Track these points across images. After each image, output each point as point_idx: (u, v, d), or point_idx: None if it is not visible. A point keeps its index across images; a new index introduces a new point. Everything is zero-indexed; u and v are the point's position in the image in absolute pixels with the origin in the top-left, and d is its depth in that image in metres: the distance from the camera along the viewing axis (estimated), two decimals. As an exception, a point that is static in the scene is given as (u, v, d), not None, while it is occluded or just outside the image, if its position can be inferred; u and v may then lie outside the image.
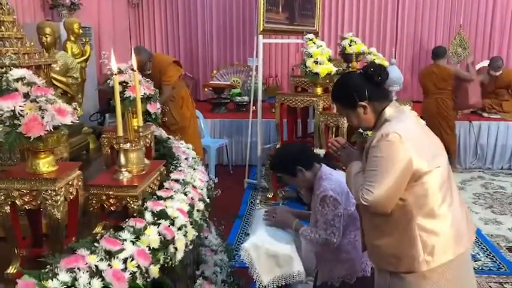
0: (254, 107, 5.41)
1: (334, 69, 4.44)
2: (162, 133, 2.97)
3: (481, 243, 3.91)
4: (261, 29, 4.90)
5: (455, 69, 5.89)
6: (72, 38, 4.12)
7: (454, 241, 1.75)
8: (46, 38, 3.08)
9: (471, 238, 1.86)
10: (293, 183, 2.50)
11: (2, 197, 1.55)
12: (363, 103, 1.81)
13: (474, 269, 2.49)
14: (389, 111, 1.81)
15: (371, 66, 1.84)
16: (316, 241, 2.22)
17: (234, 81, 7.21)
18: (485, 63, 6.84)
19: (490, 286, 3.27)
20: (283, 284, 2.36)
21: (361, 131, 3.57)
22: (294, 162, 2.34)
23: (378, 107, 1.82)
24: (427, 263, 1.71)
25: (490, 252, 3.77)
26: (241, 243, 2.48)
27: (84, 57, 4.17)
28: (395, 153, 1.67)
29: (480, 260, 3.63)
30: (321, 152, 2.34)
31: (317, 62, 4.41)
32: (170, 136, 3.01)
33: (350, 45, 5.14)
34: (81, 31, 4.18)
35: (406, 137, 1.69)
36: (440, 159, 1.78)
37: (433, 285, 1.73)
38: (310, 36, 4.69)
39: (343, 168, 1.99)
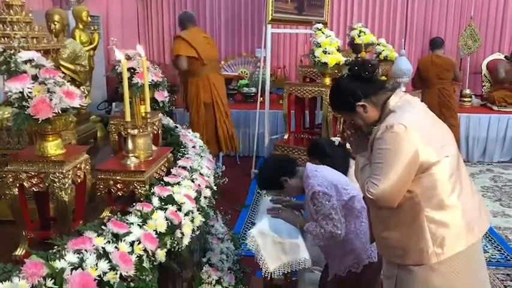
0: (262, 98, 5.39)
1: (343, 59, 4.40)
2: (169, 122, 2.97)
3: (489, 236, 3.88)
4: (270, 19, 4.88)
5: (455, 62, 5.84)
6: (81, 26, 4.11)
7: (466, 231, 1.70)
8: (55, 25, 3.07)
9: (484, 226, 1.80)
10: (285, 194, 2.45)
11: (11, 179, 1.55)
12: (360, 103, 1.78)
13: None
14: (393, 100, 1.76)
15: (354, 64, 1.83)
16: (322, 236, 2.15)
17: (241, 72, 7.17)
18: (496, 55, 6.77)
19: (497, 278, 3.25)
20: (289, 271, 2.35)
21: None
22: (277, 175, 2.31)
23: (378, 100, 1.79)
24: (436, 255, 1.67)
25: (498, 245, 3.75)
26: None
27: (93, 46, 4.15)
28: (401, 144, 1.63)
29: (488, 252, 3.61)
30: (336, 139, 2.28)
31: (326, 52, 4.37)
32: (177, 125, 3.01)
33: (359, 36, 5.10)
34: (89, 19, 4.17)
35: (411, 127, 1.64)
36: (449, 148, 1.73)
37: (442, 278, 1.69)
38: (319, 26, 4.65)
39: (353, 156, 1.97)
